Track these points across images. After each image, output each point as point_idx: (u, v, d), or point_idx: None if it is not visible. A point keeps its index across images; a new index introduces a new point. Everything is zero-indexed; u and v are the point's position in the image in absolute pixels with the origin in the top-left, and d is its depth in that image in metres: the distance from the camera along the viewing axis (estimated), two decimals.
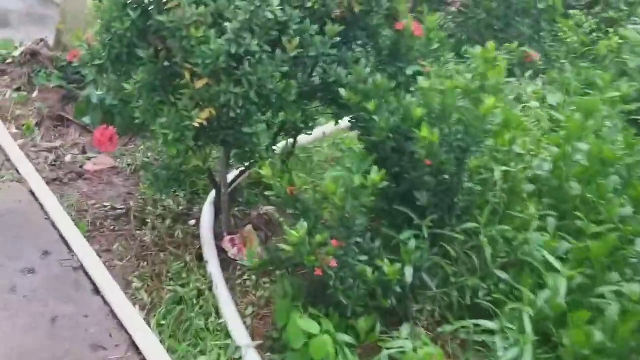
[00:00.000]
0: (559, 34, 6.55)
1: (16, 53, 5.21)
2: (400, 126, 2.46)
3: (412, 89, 2.81)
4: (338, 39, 2.77)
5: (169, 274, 3.13)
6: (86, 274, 3.11)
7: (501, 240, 2.78)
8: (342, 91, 2.65)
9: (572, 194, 2.92)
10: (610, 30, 6.62)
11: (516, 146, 3.07)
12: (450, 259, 2.79)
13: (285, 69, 2.65)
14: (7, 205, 3.60)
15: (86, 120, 4.73)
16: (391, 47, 2.98)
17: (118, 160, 4.31)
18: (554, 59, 6.33)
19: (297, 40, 2.59)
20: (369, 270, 2.45)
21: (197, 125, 2.61)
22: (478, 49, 2.87)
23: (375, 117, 2.43)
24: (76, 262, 3.18)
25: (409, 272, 2.50)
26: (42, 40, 5.31)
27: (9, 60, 5.28)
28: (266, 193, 2.33)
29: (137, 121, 2.75)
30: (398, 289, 2.45)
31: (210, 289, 3.01)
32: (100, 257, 3.25)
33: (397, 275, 2.42)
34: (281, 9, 2.53)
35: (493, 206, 2.81)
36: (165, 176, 2.95)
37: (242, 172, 3.61)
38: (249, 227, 3.48)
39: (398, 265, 2.48)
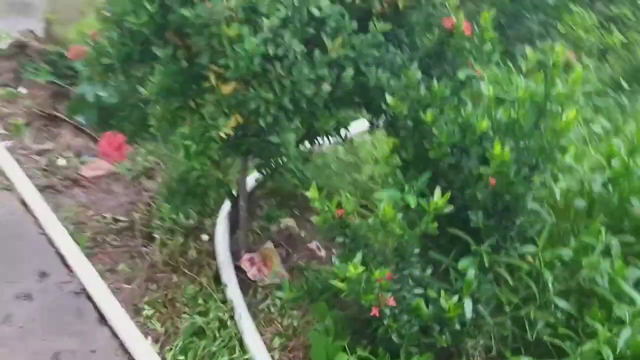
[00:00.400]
0: (563, 31, 6.31)
1: (2, 45, 4.79)
2: (462, 141, 2.15)
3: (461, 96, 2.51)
4: (381, 38, 2.45)
5: (184, 299, 2.79)
6: (90, 299, 2.75)
7: (558, 264, 2.50)
8: (388, 98, 2.32)
9: (633, 213, 2.64)
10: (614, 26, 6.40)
11: (569, 158, 2.79)
12: (500, 285, 2.50)
13: (324, 71, 2.33)
14: None
15: (80, 119, 4.36)
16: (435, 47, 2.66)
17: (117, 164, 3.93)
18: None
19: (340, 40, 2.26)
20: (423, 304, 2.15)
21: (224, 135, 2.28)
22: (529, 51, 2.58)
23: (434, 131, 2.11)
24: (77, 284, 2.82)
25: (468, 306, 2.20)
26: (30, 31, 4.89)
27: None
28: (314, 220, 1.98)
29: (151, 129, 2.40)
30: (457, 326, 2.15)
31: (232, 317, 2.69)
32: (104, 278, 2.90)
33: (457, 311, 2.12)
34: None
35: (550, 227, 2.52)
36: (182, 191, 2.60)
37: (259, 183, 3.27)
38: (269, 244, 3.15)
39: (456, 298, 2.18)
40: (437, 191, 1.99)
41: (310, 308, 2.63)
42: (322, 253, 3.26)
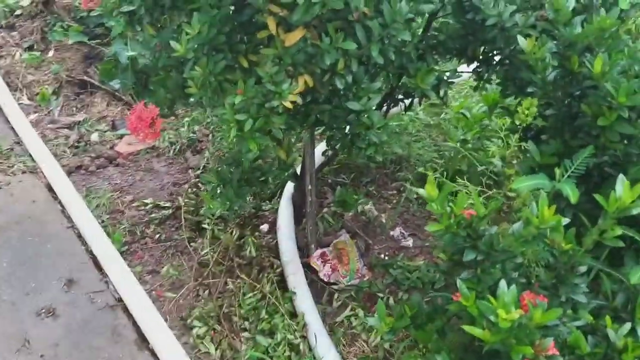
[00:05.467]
0: None
1: (25, 2, 4.23)
2: None
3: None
4: None
5: (242, 312, 2.21)
6: (126, 312, 2.22)
7: None
8: (521, 41, 1.62)
9: None
10: None
11: None
12: None
13: (430, 6, 1.64)
14: (18, 208, 2.70)
15: (114, 84, 3.78)
16: None
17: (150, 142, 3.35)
18: None
19: None
20: (583, 339, 1.49)
21: (289, 105, 1.64)
22: None
23: (607, 87, 1.40)
24: (112, 294, 2.29)
25: None
26: None
27: (18, 12, 4.31)
28: (430, 229, 1.31)
29: (191, 99, 1.77)
30: None
31: (304, 337, 2.10)
32: (144, 283, 2.36)
33: (636, 352, 1.45)
34: None
35: None
36: (235, 177, 1.98)
37: (328, 157, 2.62)
38: (345, 235, 2.53)
39: (627, 327, 1.50)
40: (622, 180, 1.29)
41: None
42: (409, 242, 2.62)
